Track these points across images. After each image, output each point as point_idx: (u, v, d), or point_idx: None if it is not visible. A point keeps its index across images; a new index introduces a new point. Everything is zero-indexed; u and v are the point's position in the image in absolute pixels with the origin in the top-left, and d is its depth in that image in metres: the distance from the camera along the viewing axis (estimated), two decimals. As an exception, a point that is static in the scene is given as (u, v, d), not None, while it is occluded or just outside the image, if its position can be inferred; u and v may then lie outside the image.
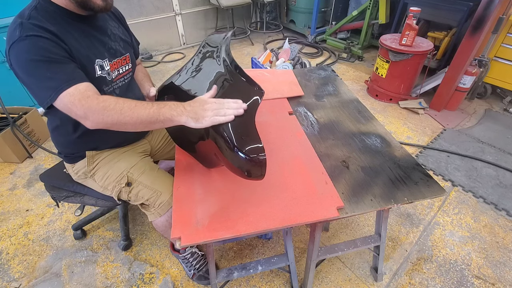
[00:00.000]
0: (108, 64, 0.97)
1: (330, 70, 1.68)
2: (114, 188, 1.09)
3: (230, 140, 0.77)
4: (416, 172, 0.99)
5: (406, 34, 2.29)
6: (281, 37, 4.15)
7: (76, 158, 1.10)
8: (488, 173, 1.91)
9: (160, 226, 1.11)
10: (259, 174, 0.80)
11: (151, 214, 1.08)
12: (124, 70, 1.06)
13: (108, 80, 0.97)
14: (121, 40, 1.05)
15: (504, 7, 2.07)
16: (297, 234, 1.56)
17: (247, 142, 0.78)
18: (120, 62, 1.03)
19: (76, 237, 1.54)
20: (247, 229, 0.80)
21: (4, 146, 1.93)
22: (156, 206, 1.05)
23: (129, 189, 1.08)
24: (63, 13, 0.85)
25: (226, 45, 1.07)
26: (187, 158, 1.05)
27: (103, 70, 0.95)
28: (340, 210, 0.86)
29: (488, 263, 1.43)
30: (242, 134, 0.80)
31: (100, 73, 0.93)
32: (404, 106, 2.58)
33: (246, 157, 0.76)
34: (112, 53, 0.99)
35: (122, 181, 1.08)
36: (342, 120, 1.27)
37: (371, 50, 3.72)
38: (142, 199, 1.06)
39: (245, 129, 0.82)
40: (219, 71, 0.97)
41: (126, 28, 1.15)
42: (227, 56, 1.04)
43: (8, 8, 2.24)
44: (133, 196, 1.08)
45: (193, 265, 1.31)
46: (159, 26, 3.48)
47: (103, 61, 0.94)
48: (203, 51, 1.08)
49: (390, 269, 1.41)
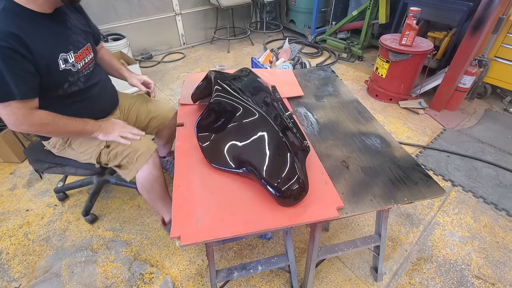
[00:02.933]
0: (73, 56, 1.05)
1: (330, 70, 1.68)
2: (93, 152, 1.18)
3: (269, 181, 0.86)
4: (416, 172, 0.99)
5: (406, 34, 2.29)
6: (281, 37, 4.15)
7: None
8: (488, 173, 1.91)
9: (144, 182, 1.18)
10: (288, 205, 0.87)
11: (130, 172, 1.17)
12: (88, 59, 1.15)
13: (73, 71, 1.06)
14: (81, 31, 1.12)
15: (504, 7, 2.07)
16: (297, 234, 1.56)
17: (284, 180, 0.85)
18: (84, 53, 1.11)
19: (60, 198, 1.74)
20: (247, 229, 0.80)
21: (4, 146, 1.93)
22: (134, 161, 1.15)
23: (108, 150, 1.17)
24: (27, 13, 0.91)
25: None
26: (187, 158, 1.05)
27: (67, 63, 1.03)
28: (340, 210, 0.86)
29: (488, 263, 1.43)
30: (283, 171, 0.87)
31: (64, 67, 1.01)
32: (404, 106, 2.58)
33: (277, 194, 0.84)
34: (75, 45, 1.07)
35: (101, 144, 1.18)
36: (342, 120, 1.27)
37: (371, 50, 3.73)
38: (121, 156, 1.16)
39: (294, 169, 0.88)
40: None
41: (85, 16, 1.20)
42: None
43: None
44: (112, 156, 1.18)
45: None
46: (159, 26, 3.48)
47: (67, 54, 1.03)
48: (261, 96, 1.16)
49: (390, 269, 1.41)
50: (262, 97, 1.13)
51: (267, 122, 0.98)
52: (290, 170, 0.86)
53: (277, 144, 0.93)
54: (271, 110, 1.07)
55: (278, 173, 0.86)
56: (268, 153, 0.92)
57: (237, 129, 1.02)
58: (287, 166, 0.87)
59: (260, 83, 1.22)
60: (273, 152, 0.92)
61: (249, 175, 0.93)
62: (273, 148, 0.93)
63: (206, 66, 3.35)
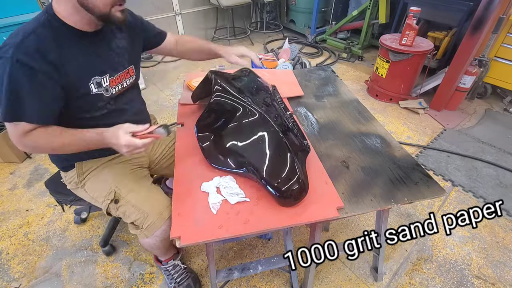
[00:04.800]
0: (108, 80, 0.94)
1: (330, 70, 1.68)
2: (103, 203, 1.04)
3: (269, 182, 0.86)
4: (416, 172, 0.99)
5: (406, 34, 2.29)
6: (281, 37, 4.15)
7: (67, 167, 1.08)
8: (488, 173, 1.91)
9: (146, 246, 1.08)
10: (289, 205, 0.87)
11: (139, 235, 1.02)
12: (127, 84, 1.03)
13: (105, 96, 0.94)
14: (125, 52, 1.01)
15: (504, 7, 2.07)
16: (297, 234, 1.56)
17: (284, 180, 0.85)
18: (122, 76, 1.00)
19: (107, 253, 1.47)
20: (247, 229, 0.80)
21: (4, 146, 1.93)
22: (143, 228, 1.00)
23: (116, 206, 1.02)
24: (67, 30, 0.84)
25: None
26: (188, 157, 1.05)
27: (100, 87, 0.92)
28: (340, 210, 0.86)
29: (488, 263, 1.43)
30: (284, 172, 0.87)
31: (96, 91, 0.91)
32: (404, 106, 2.58)
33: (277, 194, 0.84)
34: (114, 68, 0.96)
35: (110, 197, 1.02)
36: (342, 120, 1.27)
37: (371, 50, 3.72)
38: (129, 219, 1.01)
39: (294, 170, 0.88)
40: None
41: (141, 27, 1.11)
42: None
43: (7, 8, 2.23)
44: (121, 214, 1.03)
45: (174, 278, 1.26)
46: (159, 26, 3.45)
47: (101, 77, 0.92)
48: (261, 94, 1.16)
49: (390, 269, 1.41)
50: (262, 97, 1.13)
51: (267, 122, 0.98)
52: (290, 170, 0.86)
53: (277, 144, 0.93)
54: (271, 110, 1.07)
55: (278, 173, 0.86)
56: (268, 153, 0.92)
57: (237, 129, 1.02)
58: (287, 166, 0.87)
59: (260, 83, 1.22)
60: (273, 152, 0.92)
61: (249, 175, 0.93)
62: (273, 148, 0.93)
63: (206, 66, 3.35)
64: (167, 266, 1.25)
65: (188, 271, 1.31)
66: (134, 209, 1.00)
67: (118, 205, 1.02)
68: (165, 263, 1.24)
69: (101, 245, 1.45)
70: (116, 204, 1.02)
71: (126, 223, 1.03)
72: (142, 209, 1.00)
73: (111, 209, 1.03)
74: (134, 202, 1.01)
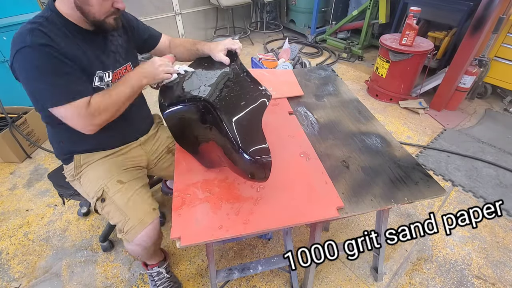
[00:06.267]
0: (111, 75, 0.98)
1: (330, 70, 1.68)
2: (92, 199, 1.03)
3: (235, 141, 0.78)
4: (416, 172, 0.99)
5: (406, 34, 2.29)
6: (281, 37, 4.15)
7: (67, 160, 1.09)
8: (488, 173, 1.91)
9: (130, 252, 1.06)
10: (262, 176, 0.81)
11: (123, 239, 0.99)
12: None
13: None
14: (123, 49, 1.05)
15: (504, 7, 2.07)
16: (297, 234, 1.56)
17: (252, 144, 0.79)
18: (120, 73, 1.03)
19: (104, 249, 1.48)
20: (247, 229, 0.80)
21: (3, 146, 1.93)
22: (124, 232, 0.97)
23: (102, 205, 1.01)
24: (71, 27, 0.88)
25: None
26: (187, 157, 1.05)
27: (102, 81, 0.96)
28: (340, 210, 0.86)
29: (488, 263, 1.42)
30: (248, 135, 0.81)
31: (98, 84, 0.95)
32: (404, 106, 2.58)
33: (251, 159, 0.77)
34: (114, 64, 1.00)
35: (98, 194, 1.01)
36: (342, 120, 1.26)
37: (371, 50, 3.72)
38: (112, 220, 0.99)
39: (251, 130, 0.83)
40: (225, 71, 1.00)
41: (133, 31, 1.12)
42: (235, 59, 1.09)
43: (7, 8, 2.23)
44: (105, 213, 1.01)
45: (157, 284, 1.23)
46: (159, 26, 3.48)
47: (104, 72, 0.96)
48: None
49: (390, 269, 1.41)
50: (214, 77, 1.02)
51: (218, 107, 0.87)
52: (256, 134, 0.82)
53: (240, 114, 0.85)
54: (220, 85, 0.97)
55: (250, 141, 0.80)
56: (235, 127, 0.82)
57: (204, 129, 0.93)
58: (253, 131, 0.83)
59: (213, 63, 1.13)
60: (239, 125, 0.83)
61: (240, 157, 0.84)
62: (239, 121, 0.84)
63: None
64: (151, 272, 1.22)
65: (172, 280, 1.26)
66: (117, 211, 0.98)
67: (104, 204, 1.01)
68: (150, 269, 1.21)
69: (101, 240, 1.47)
70: (103, 203, 1.01)
71: None
72: (124, 212, 0.98)
73: (98, 207, 1.03)
74: (118, 203, 0.99)
